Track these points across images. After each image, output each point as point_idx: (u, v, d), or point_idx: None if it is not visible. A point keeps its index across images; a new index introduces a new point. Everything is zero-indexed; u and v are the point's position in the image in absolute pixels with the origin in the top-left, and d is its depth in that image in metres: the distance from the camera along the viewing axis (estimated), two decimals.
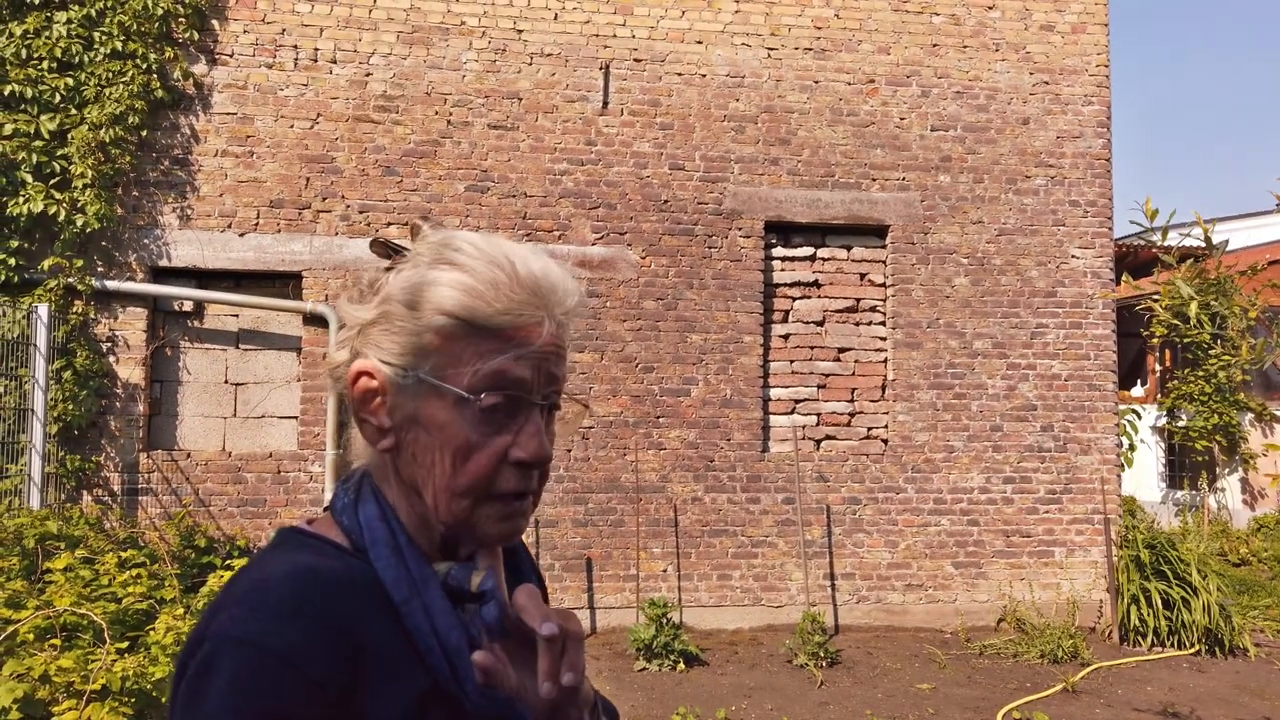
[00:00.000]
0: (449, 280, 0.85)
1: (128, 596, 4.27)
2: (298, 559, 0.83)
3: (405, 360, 0.86)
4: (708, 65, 7.56)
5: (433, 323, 0.85)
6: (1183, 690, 6.02)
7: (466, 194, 7.22)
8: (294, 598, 0.78)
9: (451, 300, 0.85)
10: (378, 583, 0.83)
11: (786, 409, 7.61)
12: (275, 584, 0.79)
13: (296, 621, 0.76)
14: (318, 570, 0.82)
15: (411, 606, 0.82)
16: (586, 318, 7.22)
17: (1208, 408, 12.87)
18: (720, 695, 5.70)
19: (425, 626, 0.82)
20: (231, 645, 0.75)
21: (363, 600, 0.81)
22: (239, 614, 0.77)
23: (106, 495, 6.73)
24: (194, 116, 7.03)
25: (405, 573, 0.84)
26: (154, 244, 6.92)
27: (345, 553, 0.86)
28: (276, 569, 0.81)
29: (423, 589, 0.83)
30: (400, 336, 0.86)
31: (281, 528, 0.91)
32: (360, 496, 0.89)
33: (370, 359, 0.88)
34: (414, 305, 0.86)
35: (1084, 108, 7.92)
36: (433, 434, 0.85)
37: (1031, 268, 7.77)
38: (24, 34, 6.59)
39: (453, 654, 0.82)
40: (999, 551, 7.57)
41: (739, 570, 7.31)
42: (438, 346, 0.85)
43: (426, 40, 7.27)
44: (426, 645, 0.81)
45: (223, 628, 0.76)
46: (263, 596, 0.78)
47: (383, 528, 0.86)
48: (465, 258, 0.86)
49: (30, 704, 3.02)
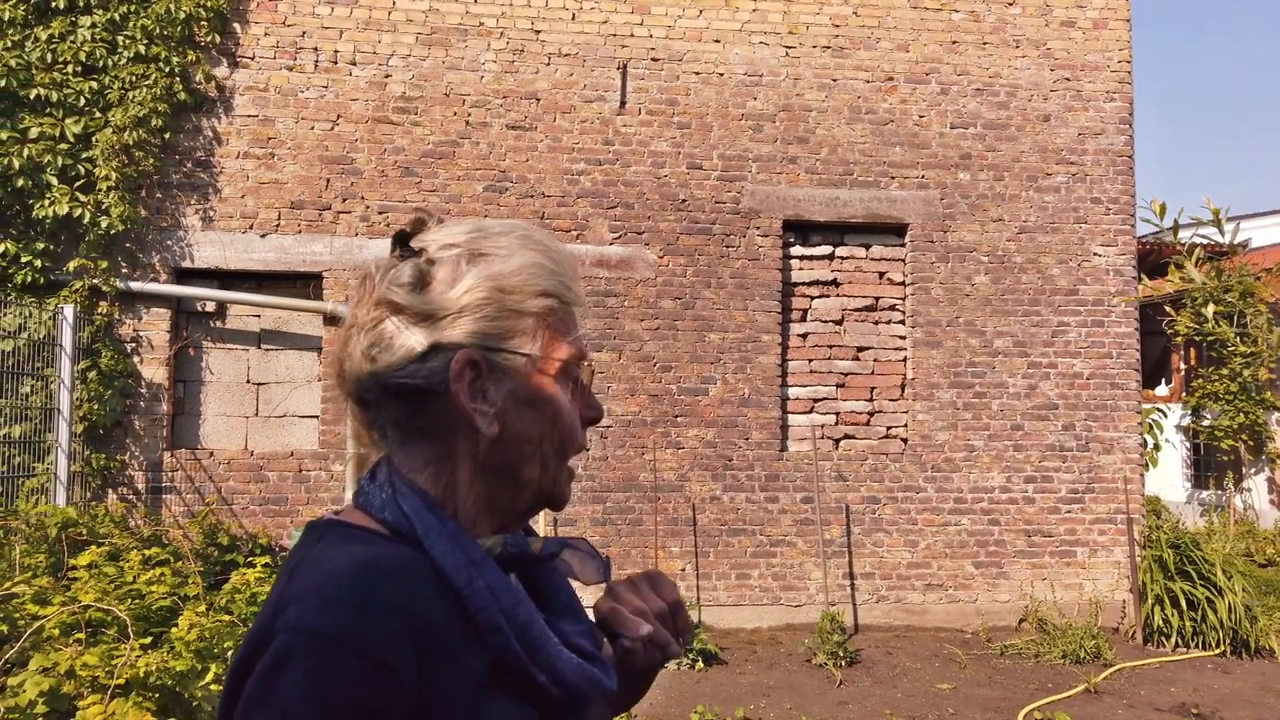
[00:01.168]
0: (532, 261, 0.91)
1: (151, 593, 4.31)
2: (355, 549, 0.83)
3: (512, 343, 0.89)
4: (725, 64, 7.55)
5: (535, 305, 0.90)
6: (1207, 691, 5.95)
7: (485, 194, 7.25)
8: (363, 587, 0.78)
9: (547, 283, 0.91)
10: (431, 568, 0.83)
11: (805, 408, 7.59)
12: (342, 575, 0.79)
13: (369, 611, 0.76)
14: (377, 559, 0.82)
15: (476, 588, 0.83)
16: (604, 317, 7.24)
17: (1233, 407, 12.70)
18: (739, 694, 5.69)
19: (491, 606, 0.83)
20: (307, 638, 0.75)
21: (421, 585, 0.82)
22: (311, 606, 0.77)
23: (131, 494, 6.81)
24: (216, 119, 7.10)
25: (463, 557, 0.84)
26: (177, 245, 7.00)
27: (393, 541, 0.86)
28: (339, 560, 0.81)
29: (483, 570, 0.85)
30: (502, 321, 0.89)
31: (315, 522, 0.90)
32: (397, 491, 0.89)
33: (471, 348, 0.88)
34: (511, 289, 0.89)
35: (1106, 104, 7.85)
36: (541, 409, 0.91)
37: (1053, 265, 7.71)
38: (49, 38, 6.68)
39: (521, 629, 0.84)
40: (1020, 551, 7.52)
41: (758, 569, 7.30)
42: (535, 327, 0.91)
43: (445, 41, 7.30)
44: (493, 624, 0.82)
45: (295, 621, 0.76)
46: (333, 588, 0.78)
47: (431, 516, 0.86)
48: (521, 241, 0.92)
49: (56, 698, 3.06)
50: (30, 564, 4.67)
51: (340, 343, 0.93)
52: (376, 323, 0.89)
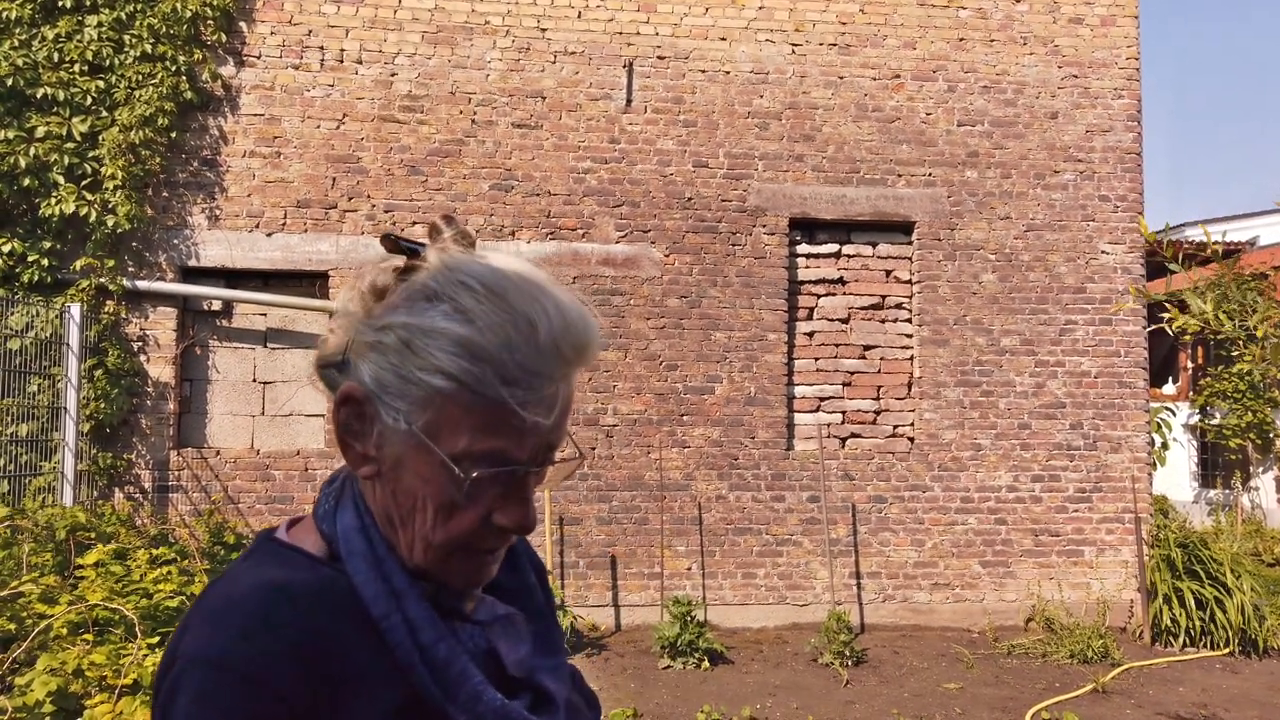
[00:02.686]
0: (455, 335, 0.78)
1: (159, 592, 4.32)
2: (266, 574, 0.81)
3: (398, 404, 0.80)
4: (731, 62, 7.53)
5: (431, 381, 0.79)
6: (1215, 691, 5.93)
7: (491, 193, 7.25)
8: (258, 614, 0.77)
9: (453, 364, 0.78)
10: (356, 594, 0.81)
11: (811, 407, 7.57)
12: (239, 601, 0.78)
13: (259, 638, 0.75)
14: (286, 585, 0.80)
15: (391, 622, 0.80)
16: (610, 316, 7.23)
17: (1241, 405, 12.66)
18: (745, 693, 5.68)
19: (407, 641, 0.80)
20: (195, 665, 0.75)
21: (337, 613, 0.80)
22: (204, 633, 0.77)
23: (138, 492, 6.82)
24: (222, 118, 7.10)
25: (385, 586, 0.81)
26: (183, 244, 7.00)
27: (320, 563, 0.84)
28: (242, 585, 0.80)
29: (404, 602, 0.81)
30: (395, 378, 0.80)
31: (260, 534, 0.89)
32: (340, 504, 0.86)
33: (363, 381, 0.82)
34: (415, 351, 0.79)
35: (1114, 101, 7.81)
36: (417, 484, 0.81)
37: (1060, 264, 7.68)
38: (56, 37, 6.69)
39: (440, 666, 0.80)
40: (1027, 550, 7.49)
41: (764, 568, 7.29)
42: (433, 403, 0.79)
43: (451, 40, 7.30)
44: (408, 660, 0.80)
45: (187, 647, 0.76)
46: (227, 615, 0.77)
47: (360, 539, 0.83)
48: (479, 306, 0.79)
49: (64, 697, 3.06)
50: (37, 563, 4.67)
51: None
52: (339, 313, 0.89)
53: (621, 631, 7.05)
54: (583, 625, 6.97)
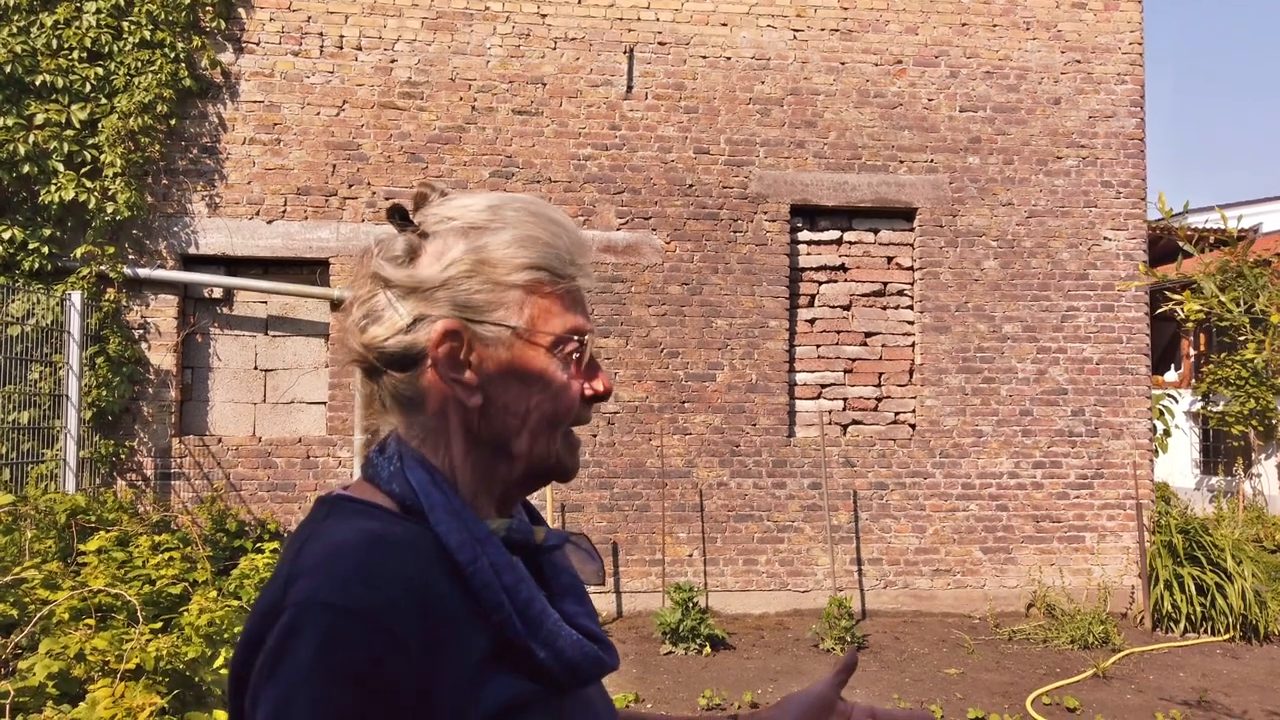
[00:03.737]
0: (520, 237, 0.90)
1: (161, 579, 4.33)
2: (362, 525, 0.84)
3: (495, 315, 0.89)
4: (733, 47, 7.50)
5: (518, 279, 0.90)
6: (1216, 676, 5.94)
7: (491, 180, 7.23)
8: (370, 561, 0.79)
9: (531, 256, 0.90)
10: (437, 544, 0.84)
11: (813, 394, 7.57)
12: (350, 550, 0.80)
13: (376, 584, 0.77)
14: (384, 535, 0.83)
15: (479, 565, 0.84)
16: (611, 303, 7.22)
17: (1244, 392, 12.65)
18: (746, 679, 5.70)
19: (494, 583, 0.84)
20: (318, 610, 0.75)
21: (427, 561, 0.82)
22: (319, 580, 0.77)
23: (140, 480, 6.84)
24: (221, 105, 7.08)
25: (467, 534, 0.85)
26: (183, 231, 6.99)
27: (401, 517, 0.87)
28: (346, 535, 0.82)
29: (486, 548, 0.85)
30: (485, 294, 0.89)
31: (324, 497, 0.91)
32: (405, 464, 0.89)
33: (452, 319, 0.89)
34: (494, 264, 0.89)
35: (1116, 86, 7.78)
36: (529, 381, 0.90)
37: (1062, 250, 7.66)
38: (54, 24, 6.67)
39: (523, 606, 0.85)
40: (1028, 537, 7.50)
41: (765, 555, 7.30)
42: (522, 300, 0.90)
43: (451, 26, 7.26)
44: (495, 601, 0.83)
45: (305, 594, 0.76)
46: (340, 562, 0.79)
47: (437, 493, 0.87)
48: (518, 215, 0.91)
49: (66, 681, 3.07)
50: (40, 549, 4.69)
51: (345, 315, 0.96)
52: (370, 296, 0.91)
53: (623, 618, 7.07)
54: None
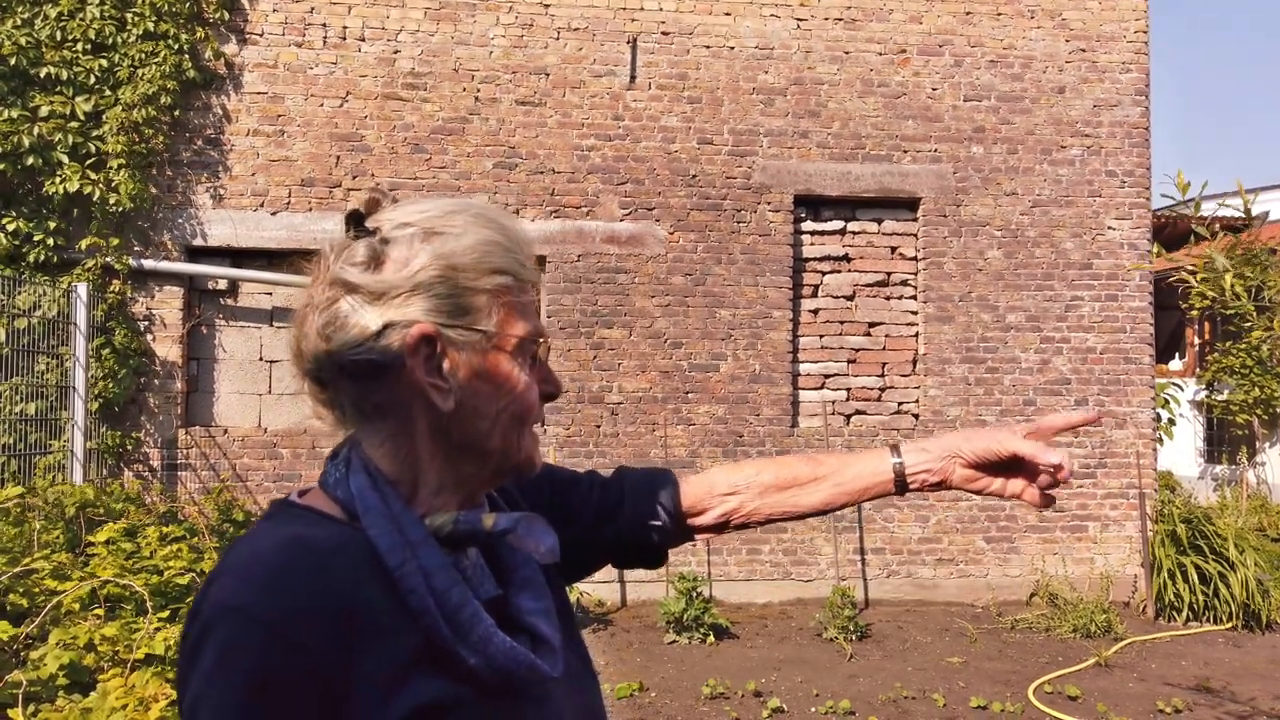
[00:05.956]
0: (484, 241, 0.91)
1: (169, 569, 4.36)
2: (286, 530, 0.86)
3: (466, 319, 0.90)
4: (736, 37, 7.48)
5: (488, 284, 0.91)
6: (1218, 665, 5.96)
7: (495, 171, 7.23)
8: (281, 566, 0.81)
9: (499, 260, 0.91)
10: (371, 549, 0.85)
11: (816, 384, 7.58)
12: (264, 554, 0.83)
13: (282, 589, 0.79)
14: (306, 539, 0.84)
15: (407, 569, 0.84)
16: (615, 294, 7.23)
17: (1248, 381, 12.62)
18: (750, 668, 5.73)
19: (421, 587, 0.84)
20: (221, 614, 0.78)
21: (354, 566, 0.83)
22: (230, 584, 0.81)
23: (146, 471, 6.87)
24: (225, 96, 7.08)
25: (400, 537, 0.86)
26: (188, 223, 7.01)
27: (337, 522, 0.88)
28: (266, 540, 0.85)
29: (418, 551, 0.86)
30: (456, 299, 0.89)
31: (274, 500, 0.94)
32: (350, 470, 0.91)
33: (428, 324, 0.89)
34: (463, 269, 0.90)
35: (1122, 75, 7.75)
36: (498, 383, 0.92)
37: (1066, 239, 7.64)
38: (58, 16, 6.67)
39: (453, 610, 0.85)
40: (1031, 526, 7.52)
41: (768, 544, 7.32)
42: (490, 304, 0.91)
43: (454, 16, 7.25)
44: (421, 605, 0.84)
45: (215, 597, 0.80)
46: (250, 567, 0.82)
47: (374, 496, 0.88)
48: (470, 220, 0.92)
49: (76, 671, 3.11)
50: (48, 540, 4.72)
51: (297, 323, 0.95)
52: (331, 302, 0.91)
53: (627, 607, 7.11)
54: (588, 601, 7.02)
